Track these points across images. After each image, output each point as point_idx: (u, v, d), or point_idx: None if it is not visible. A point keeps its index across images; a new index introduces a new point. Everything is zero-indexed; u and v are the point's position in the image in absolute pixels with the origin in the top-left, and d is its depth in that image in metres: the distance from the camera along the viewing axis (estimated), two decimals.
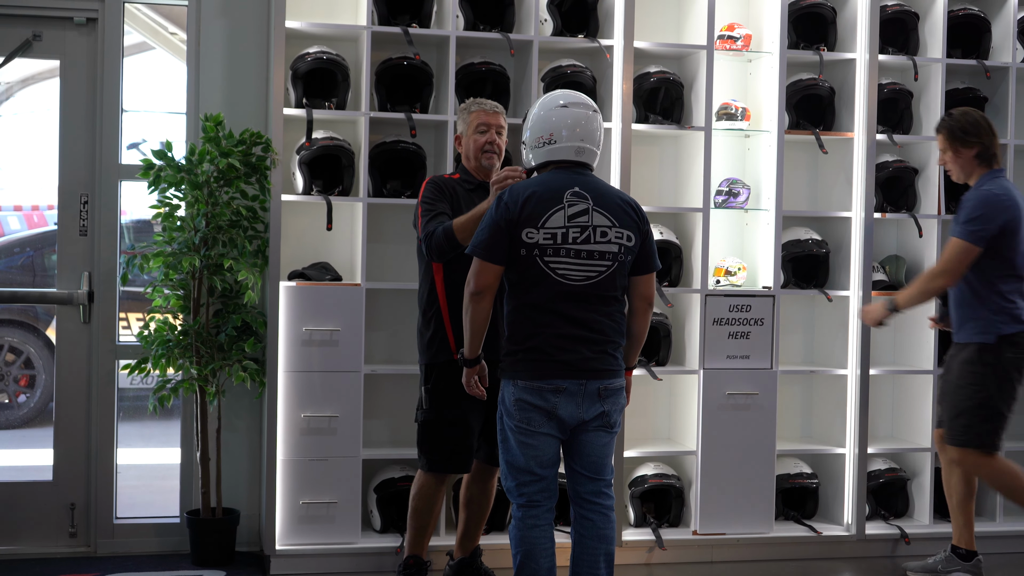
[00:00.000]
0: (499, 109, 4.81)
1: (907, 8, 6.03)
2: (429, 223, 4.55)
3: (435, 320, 4.68)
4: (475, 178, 4.77)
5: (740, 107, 5.83)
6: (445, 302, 4.63)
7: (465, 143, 4.80)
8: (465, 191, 4.72)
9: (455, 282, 4.53)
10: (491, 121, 4.76)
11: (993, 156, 5.08)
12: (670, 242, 5.72)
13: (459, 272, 4.47)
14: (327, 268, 5.49)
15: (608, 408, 4.05)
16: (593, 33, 5.67)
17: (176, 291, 5.38)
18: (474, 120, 4.77)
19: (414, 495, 4.77)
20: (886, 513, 5.95)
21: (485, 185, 4.73)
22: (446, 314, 4.63)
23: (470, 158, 4.78)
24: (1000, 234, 4.92)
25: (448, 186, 4.70)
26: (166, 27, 6.63)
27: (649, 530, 5.65)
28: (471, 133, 4.77)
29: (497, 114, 4.79)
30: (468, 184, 4.75)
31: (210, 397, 5.37)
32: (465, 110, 4.82)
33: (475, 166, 4.77)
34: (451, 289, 4.59)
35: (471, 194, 4.71)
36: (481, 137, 4.74)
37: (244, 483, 5.68)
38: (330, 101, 5.44)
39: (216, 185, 5.28)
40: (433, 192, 4.66)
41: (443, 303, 4.64)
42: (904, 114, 6.04)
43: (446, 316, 4.63)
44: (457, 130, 4.86)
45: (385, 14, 5.47)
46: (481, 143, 4.74)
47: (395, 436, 5.68)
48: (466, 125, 4.80)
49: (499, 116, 4.79)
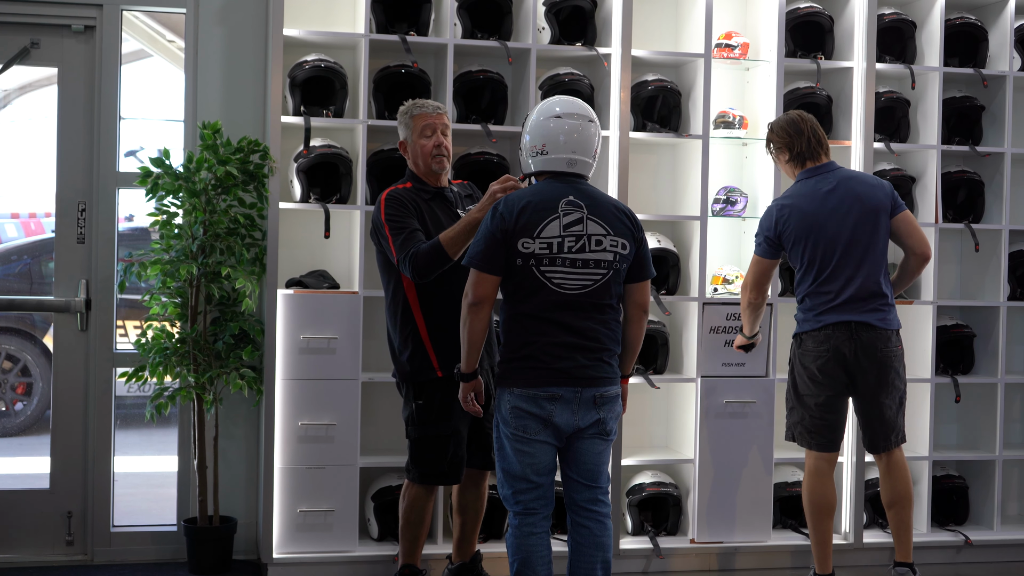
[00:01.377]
0: (442, 109, 4.73)
1: (904, 17, 6.04)
2: (404, 244, 4.44)
3: (412, 338, 4.59)
4: (429, 185, 4.69)
5: (738, 115, 5.84)
6: (421, 317, 4.57)
7: (412, 149, 4.70)
8: (424, 201, 4.63)
9: (430, 295, 4.51)
10: (436, 122, 4.68)
11: (803, 155, 5.05)
12: (668, 250, 5.72)
13: (433, 284, 4.46)
14: (325, 276, 5.49)
15: (604, 416, 4.05)
16: (591, 41, 5.68)
17: (174, 299, 5.38)
18: (418, 123, 4.68)
19: (406, 508, 4.73)
20: (884, 521, 5.95)
21: (442, 192, 4.69)
22: (423, 330, 4.56)
23: (419, 164, 4.69)
24: (779, 242, 5.00)
25: (409, 199, 4.60)
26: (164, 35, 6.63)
27: (647, 538, 5.64)
28: (416, 138, 4.68)
29: (441, 115, 4.71)
30: (425, 193, 4.66)
31: (207, 405, 5.37)
32: (406, 113, 4.73)
33: (424, 171, 4.69)
34: (426, 303, 4.55)
35: (430, 204, 4.64)
36: (428, 141, 4.66)
37: (241, 491, 5.68)
38: (328, 109, 5.44)
39: (214, 193, 5.28)
40: (397, 208, 4.54)
41: (419, 319, 4.57)
42: (901, 122, 6.04)
43: (424, 332, 4.57)
44: (400, 136, 4.77)
45: (383, 22, 5.47)
46: (429, 148, 4.65)
47: (392, 444, 5.67)
48: (409, 130, 4.70)
49: (443, 116, 4.72)
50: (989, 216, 6.17)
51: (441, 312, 4.50)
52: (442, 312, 4.50)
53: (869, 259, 4.90)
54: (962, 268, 6.37)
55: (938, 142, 5.99)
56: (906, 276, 5.07)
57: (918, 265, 5.01)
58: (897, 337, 4.97)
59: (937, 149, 5.98)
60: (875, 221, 4.91)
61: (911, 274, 5.05)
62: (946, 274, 6.28)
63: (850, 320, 4.89)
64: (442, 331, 4.48)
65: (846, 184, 4.95)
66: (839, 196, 4.92)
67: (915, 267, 5.02)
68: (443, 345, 4.44)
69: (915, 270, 5.03)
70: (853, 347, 4.89)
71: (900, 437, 5.03)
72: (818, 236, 4.91)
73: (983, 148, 6.09)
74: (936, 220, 5.98)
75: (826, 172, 5.00)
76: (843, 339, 4.89)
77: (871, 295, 4.90)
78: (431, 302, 4.52)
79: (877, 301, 4.90)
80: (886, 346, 4.91)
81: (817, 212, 4.92)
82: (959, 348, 6.12)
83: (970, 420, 6.28)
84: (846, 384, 4.95)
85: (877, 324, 4.89)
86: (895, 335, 4.95)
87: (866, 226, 4.90)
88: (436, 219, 4.60)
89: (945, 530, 6.01)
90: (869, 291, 4.89)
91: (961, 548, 5.93)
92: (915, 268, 5.02)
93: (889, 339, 4.92)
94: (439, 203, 4.66)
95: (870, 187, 4.96)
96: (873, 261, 4.91)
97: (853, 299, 4.89)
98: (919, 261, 4.99)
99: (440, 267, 4.38)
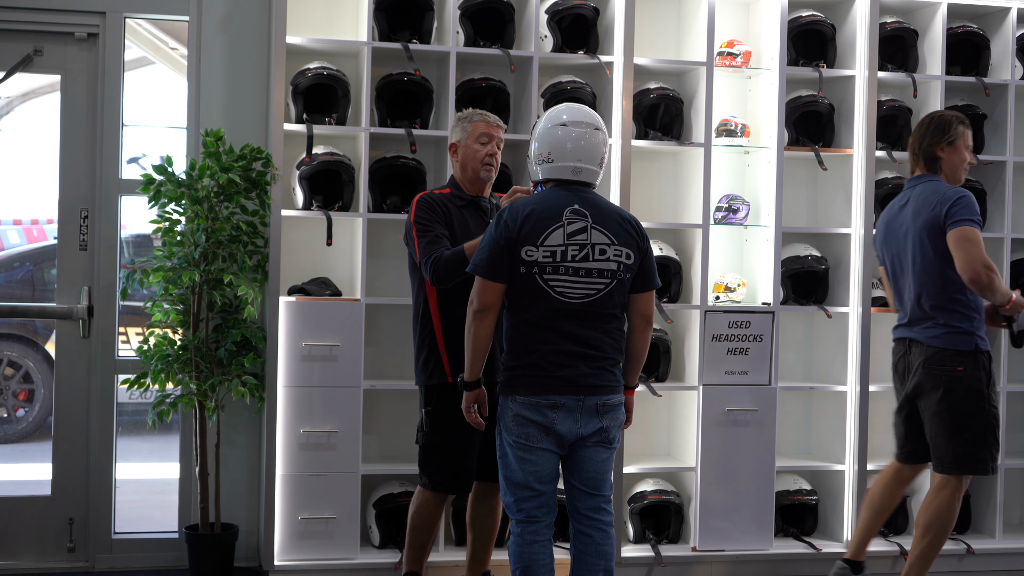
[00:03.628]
0: (501, 124, 4.70)
1: (906, 25, 6.04)
2: (428, 247, 4.44)
3: (429, 341, 4.59)
4: (466, 194, 4.65)
5: (740, 123, 5.84)
6: (439, 322, 4.57)
7: (463, 152, 4.65)
8: (457, 208, 4.61)
9: (450, 301, 4.49)
10: (493, 133, 4.64)
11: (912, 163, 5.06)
12: (670, 258, 5.72)
13: (454, 291, 4.45)
14: (327, 283, 5.49)
15: (606, 424, 4.05)
16: (593, 49, 5.68)
17: (176, 306, 5.38)
18: (476, 129, 4.63)
19: (413, 512, 4.73)
20: (885, 530, 5.94)
21: (476, 201, 4.66)
22: (439, 335, 4.56)
23: (466, 168, 4.64)
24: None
25: (440, 204, 4.58)
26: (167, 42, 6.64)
27: (648, 546, 5.64)
28: (471, 142, 4.63)
29: (499, 128, 4.68)
30: (460, 200, 4.64)
31: (209, 412, 5.36)
32: (465, 119, 4.68)
33: (470, 177, 4.65)
34: (445, 309, 4.54)
35: (462, 211, 4.61)
36: (482, 148, 4.61)
37: (243, 498, 5.67)
38: (330, 116, 5.45)
39: (216, 200, 5.29)
40: (427, 212, 4.54)
41: (437, 324, 4.57)
42: (903, 131, 6.05)
43: (439, 337, 4.56)
44: (453, 138, 4.72)
45: (385, 30, 5.48)
46: (482, 154, 4.61)
47: (394, 451, 5.67)
48: (465, 134, 4.65)
49: (500, 130, 4.68)
50: (991, 225, 6.17)
51: (459, 318, 4.46)
52: (460, 318, 4.46)
53: (919, 278, 4.86)
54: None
55: None
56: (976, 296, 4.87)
57: (970, 286, 4.70)
58: (956, 358, 4.82)
59: None
60: (922, 240, 4.82)
61: (977, 294, 4.80)
62: None
63: (904, 337, 5.00)
64: (458, 337, 4.44)
65: (914, 200, 4.91)
66: (905, 212, 4.94)
67: (971, 288, 4.74)
68: (457, 351, 4.41)
69: (975, 291, 4.74)
70: (906, 363, 4.99)
71: (945, 465, 4.89)
72: (888, 252, 5.02)
73: (985, 157, 6.09)
74: None
75: (909, 187, 4.99)
76: (900, 354, 5.03)
77: (922, 315, 4.89)
78: (450, 308, 4.50)
79: (928, 321, 4.87)
80: (933, 364, 4.86)
81: (888, 226, 5.02)
82: None
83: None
84: (908, 397, 5.02)
85: (924, 341, 4.89)
86: (950, 354, 4.82)
87: (914, 245, 4.86)
88: (466, 226, 4.57)
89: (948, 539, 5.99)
90: (920, 311, 4.89)
91: (963, 556, 5.93)
92: (973, 289, 4.73)
93: (935, 357, 4.86)
94: (472, 211, 4.63)
95: (928, 204, 4.82)
96: (922, 281, 4.85)
97: (910, 317, 4.95)
98: (968, 283, 4.68)
99: (460, 274, 4.34)
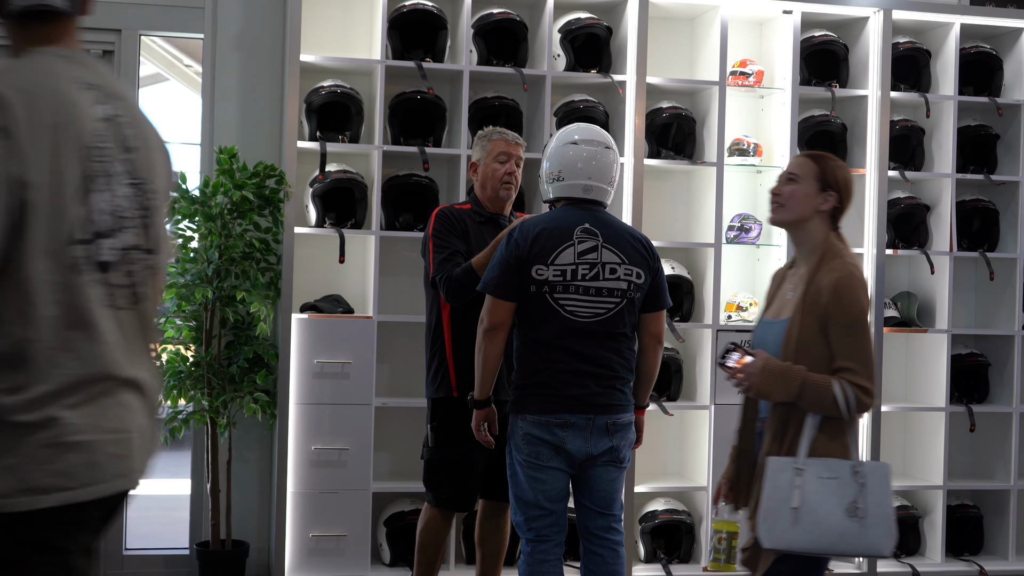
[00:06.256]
0: (520, 141, 4.68)
1: (919, 45, 6.05)
2: (442, 264, 4.44)
3: (439, 354, 4.58)
4: (485, 210, 4.65)
5: (752, 143, 5.85)
6: (450, 336, 4.55)
7: (482, 171, 4.65)
8: (475, 224, 4.60)
9: (462, 316, 4.49)
10: (512, 152, 4.63)
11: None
12: (682, 277, 5.72)
13: (467, 307, 4.45)
14: (339, 300, 5.50)
15: (617, 443, 4.04)
16: (606, 68, 5.70)
17: (188, 322, 5.39)
18: (495, 148, 4.62)
19: (421, 529, 4.72)
20: (898, 551, 5.92)
21: (495, 218, 4.66)
22: (449, 349, 4.54)
23: (486, 187, 4.63)
24: None
25: (458, 219, 4.58)
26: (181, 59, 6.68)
27: (659, 566, 5.62)
28: (490, 161, 4.62)
29: (518, 146, 4.66)
30: (479, 216, 4.63)
31: (221, 429, 5.37)
32: (485, 137, 4.68)
33: (490, 195, 4.63)
34: (457, 323, 4.52)
35: (481, 227, 4.60)
36: (501, 167, 4.60)
37: (254, 515, 5.68)
38: (344, 134, 5.46)
39: (229, 217, 5.30)
40: (444, 227, 4.54)
41: (447, 337, 4.55)
42: (916, 151, 6.05)
43: (449, 351, 4.54)
44: (473, 157, 4.72)
45: (399, 48, 5.50)
46: (501, 174, 4.60)
47: (405, 469, 5.67)
48: (484, 152, 4.64)
49: (519, 148, 4.66)
50: (1004, 245, 6.16)
51: (471, 334, 4.45)
52: (472, 334, 4.45)
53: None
54: (977, 297, 6.35)
55: (953, 170, 5.99)
56: None
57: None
58: None
59: (952, 178, 5.99)
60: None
61: None
62: (960, 303, 6.26)
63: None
64: (468, 353, 4.42)
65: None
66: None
67: None
68: (465, 367, 4.40)
69: None
70: None
71: None
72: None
73: (998, 177, 6.09)
74: (951, 248, 5.97)
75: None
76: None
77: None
78: (462, 323, 4.49)
79: None
80: None
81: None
82: (974, 377, 6.10)
83: (985, 449, 6.25)
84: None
85: None
86: None
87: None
88: (483, 243, 4.55)
89: (960, 560, 5.98)
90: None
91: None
92: None
93: None
94: (491, 228, 4.61)
95: None
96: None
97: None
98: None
99: (472, 289, 4.31)
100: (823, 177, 3.45)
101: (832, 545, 3.20)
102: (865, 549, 3.21)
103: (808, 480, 3.21)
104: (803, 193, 3.43)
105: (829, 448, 3.25)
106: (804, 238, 3.45)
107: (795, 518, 3.19)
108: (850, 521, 3.19)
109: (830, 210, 3.46)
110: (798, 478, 3.21)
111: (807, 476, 3.21)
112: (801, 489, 3.19)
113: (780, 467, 3.23)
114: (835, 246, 3.42)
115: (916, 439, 6.15)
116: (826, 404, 3.22)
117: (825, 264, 3.36)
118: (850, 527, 3.19)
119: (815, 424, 3.25)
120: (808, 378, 3.23)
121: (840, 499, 3.20)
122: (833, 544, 3.20)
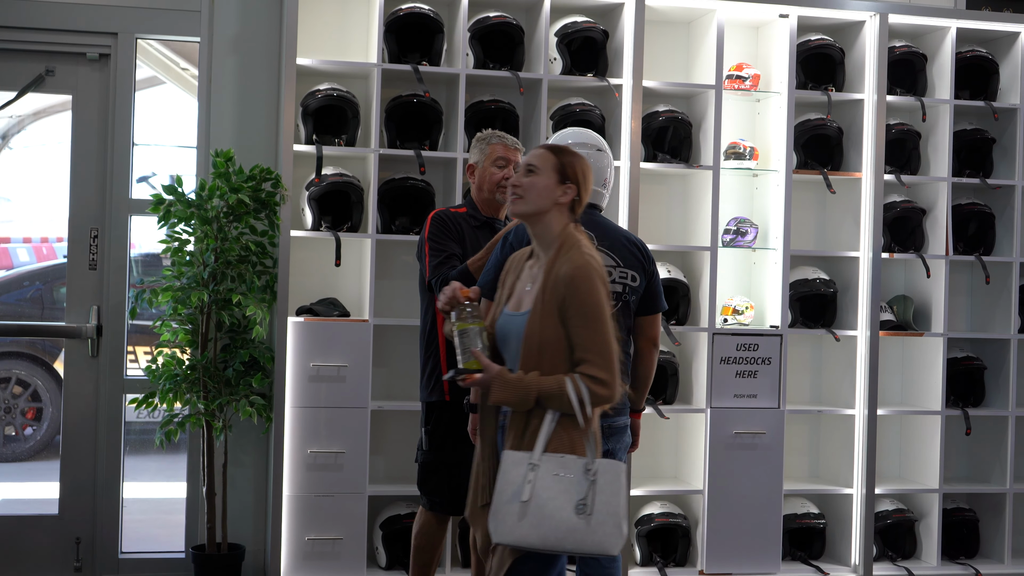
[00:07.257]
0: (519, 146, 4.68)
1: (915, 49, 6.05)
2: (438, 268, 4.45)
3: (433, 357, 4.59)
4: (481, 214, 4.65)
5: (748, 146, 5.85)
6: (444, 339, 4.57)
7: (480, 174, 4.65)
8: (471, 227, 4.61)
9: None
10: (511, 157, 4.62)
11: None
12: (678, 280, 5.72)
13: None
14: (335, 304, 5.50)
15: (612, 446, 4.03)
16: (602, 72, 5.70)
17: (184, 326, 5.39)
18: (493, 152, 4.63)
19: (416, 532, 4.72)
20: (893, 554, 5.92)
21: (490, 222, 4.65)
22: (443, 351, 4.56)
23: (483, 190, 4.63)
24: None
25: (454, 222, 4.58)
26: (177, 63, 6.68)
27: (655, 569, 5.62)
28: (488, 165, 4.62)
29: (517, 151, 4.66)
30: (474, 220, 4.63)
31: (217, 432, 5.37)
32: (484, 140, 4.67)
33: (487, 198, 4.64)
34: None
35: (476, 231, 4.61)
36: (498, 172, 4.60)
37: (250, 518, 5.67)
38: (340, 138, 5.46)
39: (225, 220, 5.30)
40: (440, 230, 4.54)
41: (442, 341, 4.55)
42: (912, 155, 6.05)
43: (443, 353, 4.55)
44: (471, 159, 4.72)
45: (395, 52, 5.50)
46: (498, 178, 4.59)
47: (401, 472, 5.67)
48: (483, 156, 4.64)
49: (518, 153, 4.65)
50: (1000, 248, 6.17)
51: None
52: None
53: None
54: (972, 300, 6.36)
55: (949, 174, 5.99)
56: None
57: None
58: None
59: (948, 181, 5.99)
60: None
61: None
62: (956, 306, 6.27)
63: None
64: None
65: None
66: None
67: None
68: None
69: None
70: None
71: None
72: None
73: (994, 181, 6.09)
74: (947, 252, 5.98)
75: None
76: None
77: None
78: None
79: None
80: None
81: None
82: (969, 380, 6.11)
83: (981, 453, 6.26)
84: None
85: None
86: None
87: None
88: (478, 247, 4.54)
89: (955, 563, 5.98)
90: None
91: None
92: None
93: None
94: (486, 232, 4.61)
95: None
96: None
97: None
98: None
99: None
100: (562, 170, 3.50)
101: (559, 541, 3.24)
102: (592, 547, 3.25)
103: (541, 476, 3.26)
104: (542, 185, 3.48)
105: (565, 444, 3.31)
106: (543, 230, 3.50)
107: (523, 512, 3.24)
108: (578, 518, 3.24)
109: (569, 202, 3.50)
110: (531, 473, 3.26)
111: (540, 472, 3.27)
112: (533, 484, 3.24)
113: (515, 462, 3.30)
114: (573, 237, 3.46)
115: (912, 442, 6.16)
116: (564, 404, 3.29)
117: (563, 255, 3.41)
118: (577, 524, 3.23)
119: (553, 420, 3.31)
120: (541, 386, 3.30)
121: (570, 496, 3.25)
122: (560, 540, 3.24)
